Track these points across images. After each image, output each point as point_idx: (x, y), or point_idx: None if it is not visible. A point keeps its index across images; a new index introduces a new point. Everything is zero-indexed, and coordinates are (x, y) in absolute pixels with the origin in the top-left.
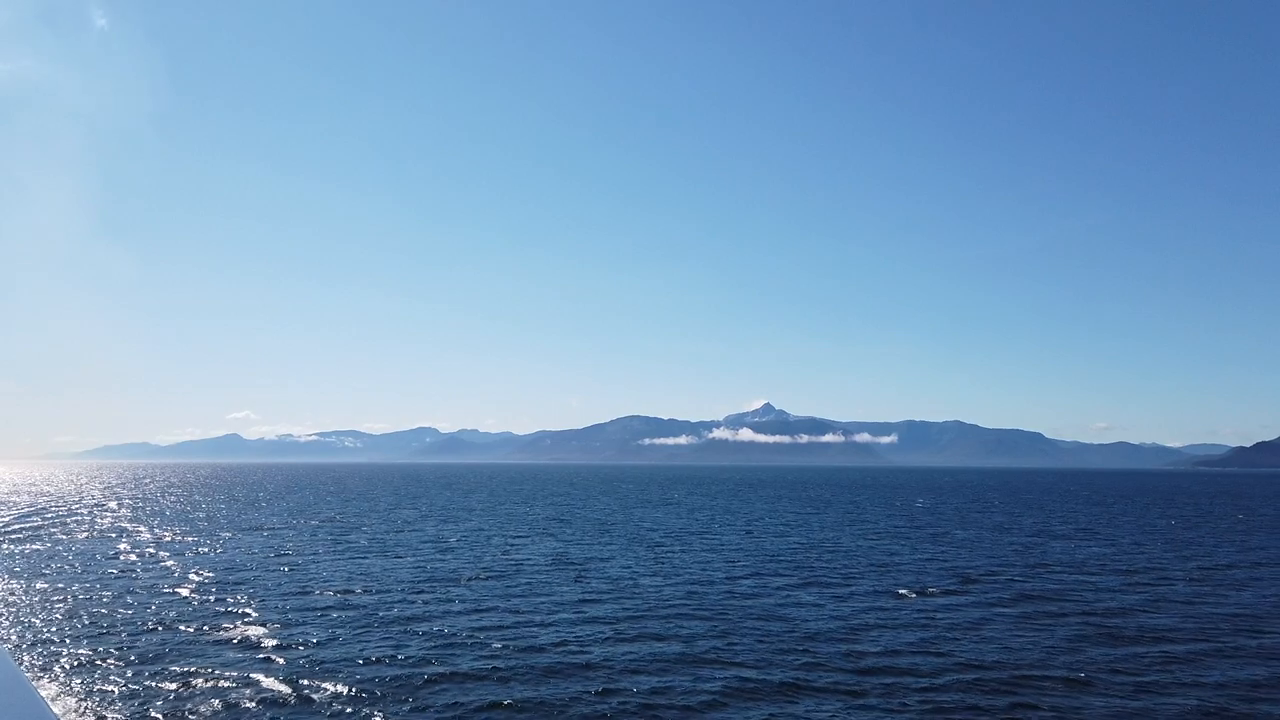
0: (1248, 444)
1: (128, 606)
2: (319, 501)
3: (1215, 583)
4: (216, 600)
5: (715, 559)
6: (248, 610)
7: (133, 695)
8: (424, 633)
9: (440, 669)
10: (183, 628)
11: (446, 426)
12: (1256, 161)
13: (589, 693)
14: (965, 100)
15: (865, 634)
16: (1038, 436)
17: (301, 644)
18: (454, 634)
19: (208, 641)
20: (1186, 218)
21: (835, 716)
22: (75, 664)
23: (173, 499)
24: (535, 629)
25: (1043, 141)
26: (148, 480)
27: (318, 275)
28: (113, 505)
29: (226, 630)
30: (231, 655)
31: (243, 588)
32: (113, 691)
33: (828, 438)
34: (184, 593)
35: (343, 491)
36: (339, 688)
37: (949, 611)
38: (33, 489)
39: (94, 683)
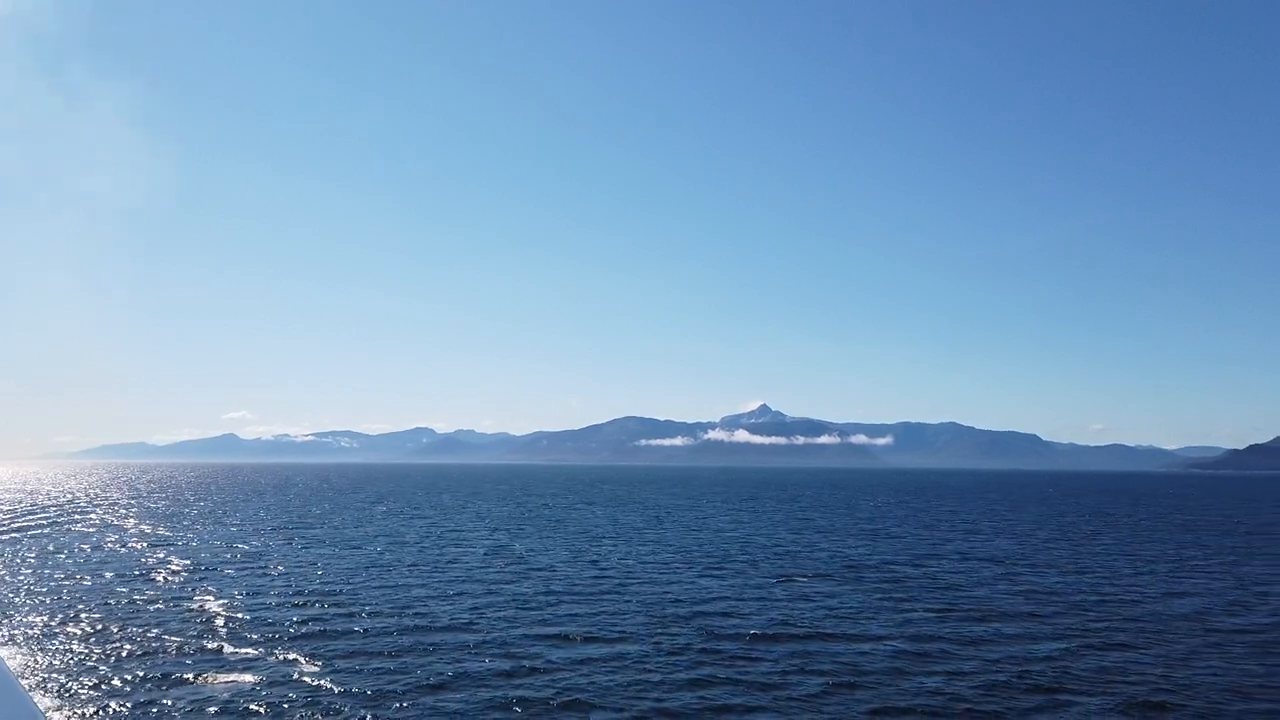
0: (1241, 446)
1: (110, 602)
2: (297, 500)
3: (1079, 572)
4: (185, 592)
5: (643, 551)
6: (211, 594)
7: (110, 685)
8: (342, 604)
9: (346, 627)
10: (154, 620)
11: (443, 427)
12: (1254, 163)
13: (463, 644)
14: (964, 100)
15: (727, 606)
16: (1033, 438)
17: (243, 621)
18: (367, 605)
19: (175, 630)
20: (1183, 219)
21: (652, 658)
22: (58, 660)
23: (161, 499)
24: (440, 601)
25: (1038, 143)
26: (140, 480)
27: (315, 275)
28: (104, 505)
29: (191, 615)
30: (192, 630)
31: (209, 579)
32: (93, 684)
33: (823, 439)
34: (158, 588)
35: (325, 491)
36: (257, 647)
37: (815, 591)
38: (26, 488)
39: (76, 677)
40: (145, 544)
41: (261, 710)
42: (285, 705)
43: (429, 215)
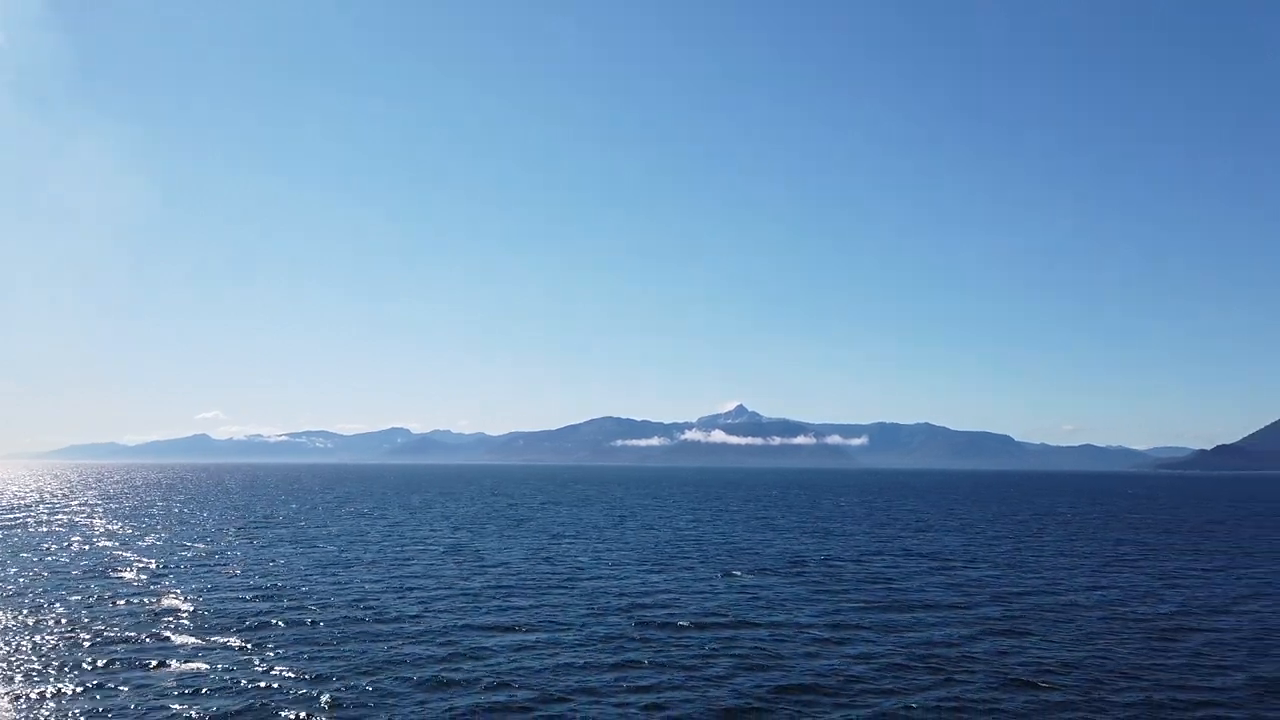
0: (1209, 447)
1: (70, 597)
2: (263, 501)
3: (1011, 566)
4: (143, 587)
5: (599, 548)
6: (167, 589)
7: (62, 672)
8: (295, 598)
9: (295, 618)
10: (110, 612)
11: (419, 427)
12: (1229, 166)
13: (406, 633)
14: (942, 105)
15: (666, 599)
16: (1006, 439)
17: (196, 614)
18: (319, 598)
19: (128, 621)
20: (1155, 224)
21: (584, 645)
22: (11, 649)
23: (128, 499)
24: (391, 595)
25: (1014, 148)
26: (107, 480)
27: (290, 275)
28: (70, 505)
29: (146, 608)
30: (146, 621)
31: (167, 575)
32: (45, 673)
33: (799, 439)
34: (117, 582)
35: (293, 491)
36: (207, 637)
37: (754, 584)
38: None
39: (27, 664)
40: (108, 542)
41: (205, 693)
42: (229, 688)
43: (408, 216)
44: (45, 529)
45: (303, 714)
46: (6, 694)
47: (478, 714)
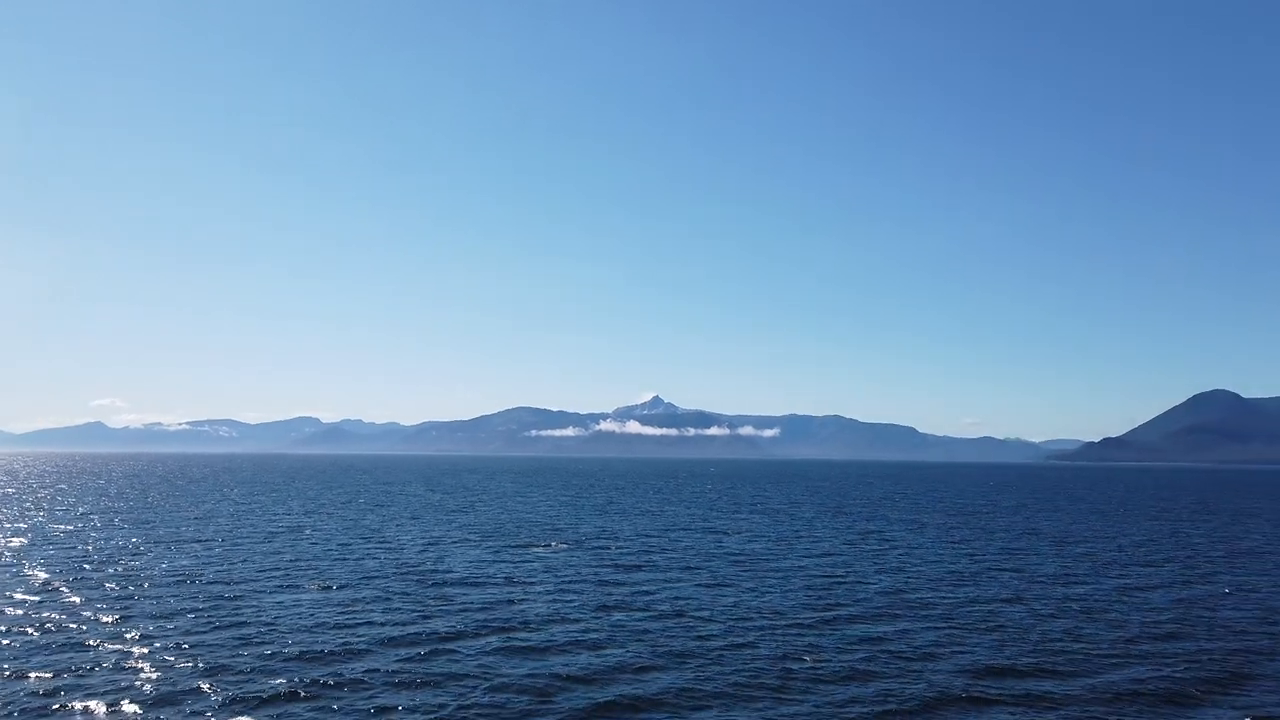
0: (1097, 439)
1: None
2: (138, 488)
3: (777, 540)
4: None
5: (434, 528)
6: (42, 571)
7: None
8: (130, 572)
9: (119, 590)
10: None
11: (329, 416)
12: (1120, 169)
13: (205, 593)
14: (865, 100)
15: (457, 564)
16: (911, 430)
17: (28, 587)
18: (137, 568)
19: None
20: (1060, 230)
21: (343, 591)
22: None
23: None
24: (207, 564)
25: (927, 145)
26: None
27: (196, 257)
28: None
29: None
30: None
31: (15, 556)
32: None
33: (713, 431)
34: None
35: (176, 480)
36: (32, 598)
37: (544, 555)
38: None
39: None
40: None
41: (21, 647)
42: (45, 641)
43: (322, 201)
44: None
45: (95, 648)
46: None
47: (228, 647)
